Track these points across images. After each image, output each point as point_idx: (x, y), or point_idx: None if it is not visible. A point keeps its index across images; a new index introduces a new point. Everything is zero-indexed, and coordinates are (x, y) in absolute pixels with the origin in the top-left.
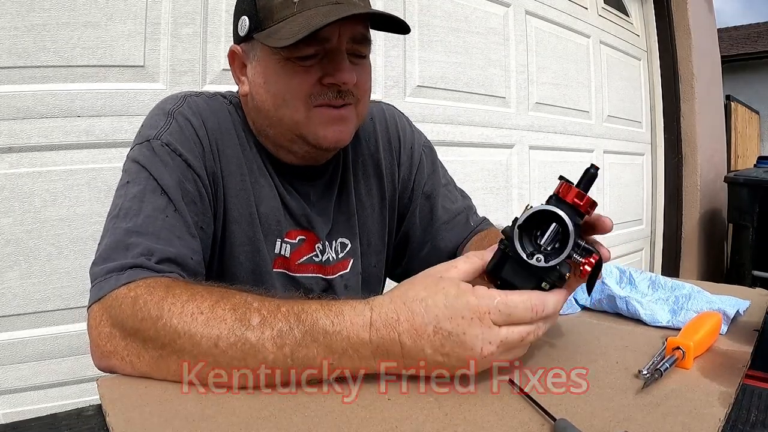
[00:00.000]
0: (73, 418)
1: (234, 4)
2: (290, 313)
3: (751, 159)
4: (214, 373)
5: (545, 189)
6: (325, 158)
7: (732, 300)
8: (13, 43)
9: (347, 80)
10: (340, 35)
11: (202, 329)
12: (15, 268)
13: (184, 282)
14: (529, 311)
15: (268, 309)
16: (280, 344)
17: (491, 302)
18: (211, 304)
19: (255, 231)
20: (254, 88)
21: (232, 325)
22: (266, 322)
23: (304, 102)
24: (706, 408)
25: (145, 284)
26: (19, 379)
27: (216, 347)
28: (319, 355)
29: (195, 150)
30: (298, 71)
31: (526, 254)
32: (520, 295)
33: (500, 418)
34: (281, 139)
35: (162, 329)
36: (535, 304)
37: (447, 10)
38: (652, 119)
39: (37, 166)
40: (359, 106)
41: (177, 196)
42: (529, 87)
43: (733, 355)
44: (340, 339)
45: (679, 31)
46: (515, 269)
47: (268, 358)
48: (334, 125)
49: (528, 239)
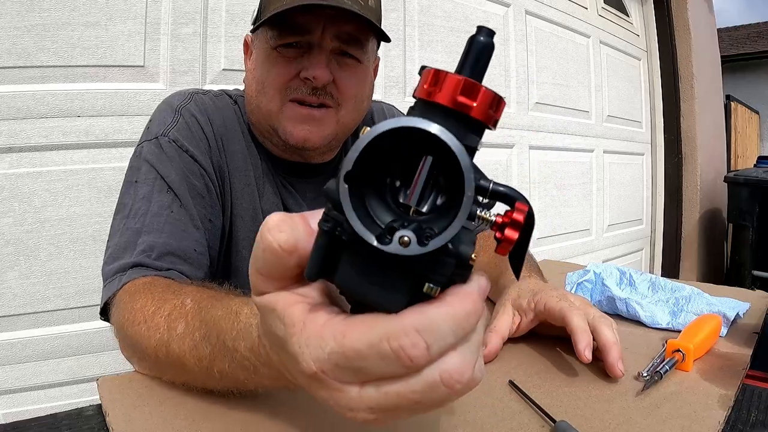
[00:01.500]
0: (73, 418)
1: (235, 2)
2: (203, 320)
3: (751, 159)
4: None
5: (545, 189)
6: (313, 157)
7: (732, 302)
8: (13, 43)
9: (318, 76)
10: (324, 30)
11: (145, 340)
12: (15, 268)
13: (150, 284)
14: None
15: (193, 314)
16: (198, 357)
17: (321, 354)
18: (153, 310)
19: (258, 226)
20: (247, 75)
21: (162, 335)
22: (187, 332)
23: (279, 92)
24: (705, 410)
25: (124, 290)
26: (19, 379)
27: (157, 357)
28: (224, 362)
29: (201, 146)
30: (279, 62)
31: (375, 234)
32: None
33: (500, 420)
34: (262, 130)
35: (127, 337)
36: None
37: (447, 10)
38: (652, 119)
39: (37, 166)
40: (341, 112)
41: (183, 192)
42: (529, 87)
43: (732, 357)
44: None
45: (679, 31)
46: (361, 266)
47: (189, 366)
48: (302, 123)
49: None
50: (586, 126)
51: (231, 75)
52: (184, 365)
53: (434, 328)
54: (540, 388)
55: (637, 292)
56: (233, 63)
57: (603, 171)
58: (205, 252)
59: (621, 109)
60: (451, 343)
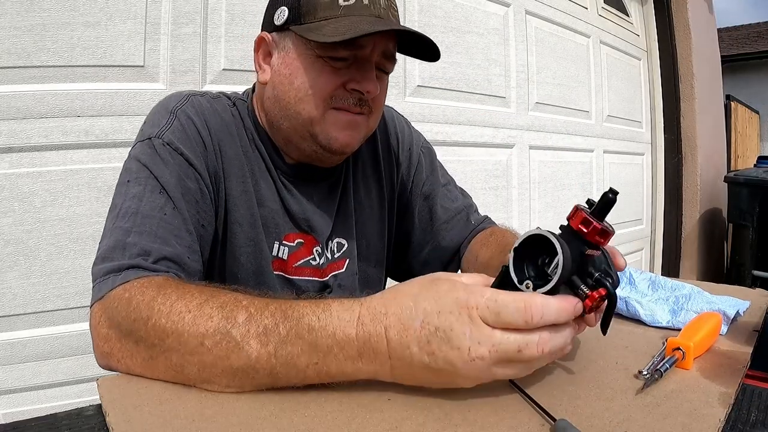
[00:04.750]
0: (73, 418)
1: (235, 2)
2: (278, 310)
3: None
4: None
5: (545, 189)
6: (331, 162)
7: (732, 300)
8: (13, 43)
9: (371, 90)
10: (374, 47)
11: (188, 328)
12: (15, 268)
13: (176, 281)
14: (521, 312)
15: (256, 306)
16: (265, 341)
17: (480, 298)
18: (199, 302)
19: (257, 232)
20: (277, 77)
21: (218, 323)
22: (252, 319)
23: (324, 101)
24: (706, 408)
25: (139, 284)
26: (19, 379)
27: (202, 345)
28: (303, 353)
29: (197, 149)
30: (326, 70)
31: (518, 279)
32: (511, 295)
33: (500, 419)
34: (293, 134)
35: (152, 329)
36: (528, 306)
37: (447, 10)
38: (652, 119)
39: (37, 166)
40: (371, 118)
41: (176, 195)
42: (529, 87)
43: (732, 355)
44: (326, 335)
45: (679, 31)
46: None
47: (252, 355)
48: (346, 129)
49: (533, 264)
50: (586, 126)
51: (231, 75)
52: (241, 350)
53: (541, 306)
54: (540, 387)
55: (637, 290)
56: (233, 63)
57: (603, 171)
58: (199, 259)
59: (621, 109)
60: (550, 318)
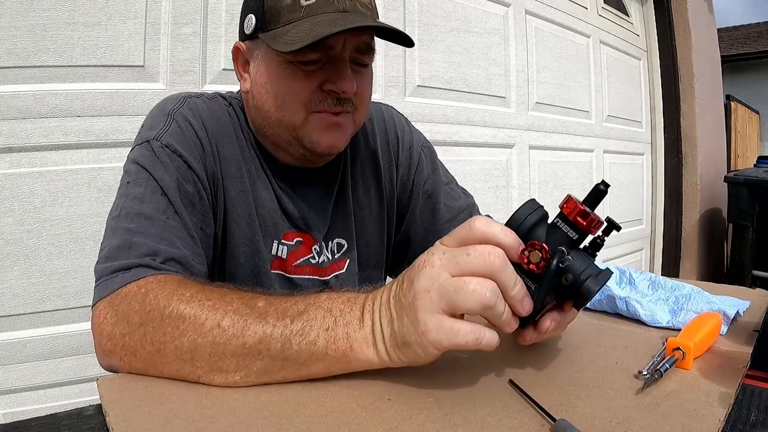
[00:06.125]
0: (73, 418)
1: (235, 3)
2: (298, 296)
3: (751, 159)
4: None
5: (545, 189)
6: (324, 162)
7: (732, 300)
8: (13, 43)
9: (347, 89)
10: (345, 44)
11: (208, 311)
12: (15, 268)
13: (194, 279)
14: (465, 227)
15: (276, 296)
16: (282, 316)
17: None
18: (221, 293)
19: (254, 232)
20: (255, 87)
21: (237, 306)
22: (271, 303)
23: (303, 106)
24: (706, 409)
25: (156, 280)
26: (19, 379)
27: (218, 326)
28: (317, 319)
29: (195, 151)
30: (299, 75)
31: None
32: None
33: (500, 419)
34: (279, 140)
35: (168, 317)
36: (472, 223)
37: (447, 10)
38: (652, 119)
39: (37, 166)
40: (357, 114)
41: (176, 198)
42: (529, 87)
43: (733, 355)
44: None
45: (679, 31)
46: None
47: (267, 330)
48: (329, 131)
49: None
50: (586, 126)
51: (231, 75)
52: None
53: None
54: (540, 387)
55: (637, 290)
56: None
57: (603, 171)
58: (204, 262)
59: (621, 109)
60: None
